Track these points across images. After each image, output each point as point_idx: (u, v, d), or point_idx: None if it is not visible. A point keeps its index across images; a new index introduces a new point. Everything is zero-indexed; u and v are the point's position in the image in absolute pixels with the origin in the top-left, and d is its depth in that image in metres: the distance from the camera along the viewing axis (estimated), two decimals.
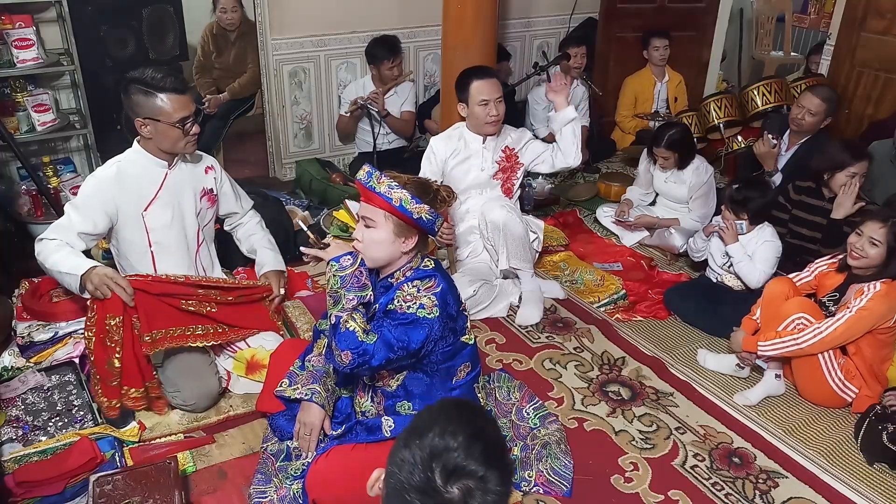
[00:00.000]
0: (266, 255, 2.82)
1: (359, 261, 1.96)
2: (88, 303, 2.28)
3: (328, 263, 1.96)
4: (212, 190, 2.63)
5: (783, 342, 2.53)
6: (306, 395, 2.12)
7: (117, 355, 2.27)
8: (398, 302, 1.91)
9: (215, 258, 2.75)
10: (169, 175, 2.48)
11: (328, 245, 1.99)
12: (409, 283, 1.93)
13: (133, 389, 2.33)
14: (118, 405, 2.33)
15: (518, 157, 3.22)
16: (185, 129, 2.36)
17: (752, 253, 3.02)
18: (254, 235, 2.86)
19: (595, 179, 4.51)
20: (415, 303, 1.90)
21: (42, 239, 2.35)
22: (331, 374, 2.19)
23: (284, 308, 2.84)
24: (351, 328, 1.88)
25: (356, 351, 1.86)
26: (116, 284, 2.23)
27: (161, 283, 2.36)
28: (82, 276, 2.23)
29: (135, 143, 2.45)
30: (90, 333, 2.27)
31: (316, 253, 2.01)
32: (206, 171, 2.62)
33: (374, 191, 1.89)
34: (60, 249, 2.31)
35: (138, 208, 2.43)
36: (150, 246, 2.49)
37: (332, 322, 1.92)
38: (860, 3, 3.97)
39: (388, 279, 2.02)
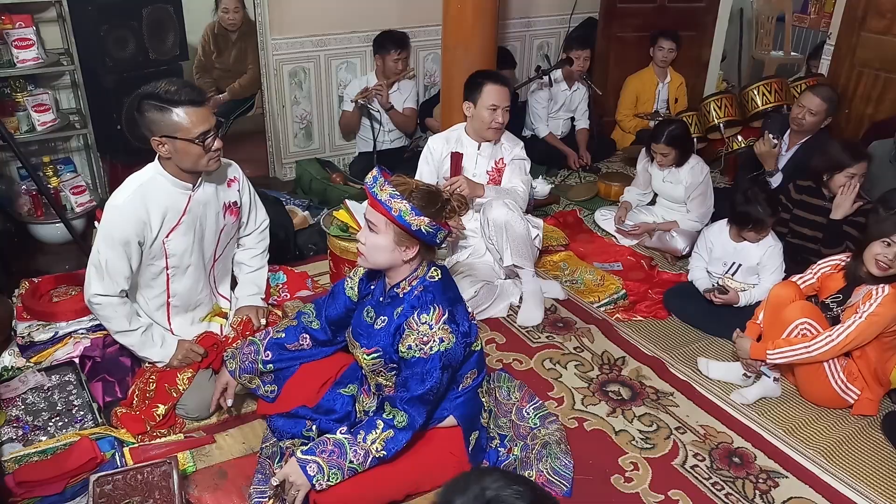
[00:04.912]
0: (246, 289, 2.64)
1: None
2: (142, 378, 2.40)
3: None
4: (235, 202, 2.48)
5: (794, 350, 2.50)
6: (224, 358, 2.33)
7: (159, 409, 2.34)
8: (414, 344, 1.91)
9: (229, 270, 2.65)
10: (192, 198, 2.31)
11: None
12: (417, 318, 1.92)
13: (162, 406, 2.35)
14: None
15: (504, 169, 3.23)
16: (206, 144, 2.17)
17: (757, 263, 3.00)
18: (246, 266, 2.66)
19: (595, 179, 4.52)
20: (434, 340, 1.90)
21: (98, 302, 2.26)
22: (261, 351, 2.26)
23: (285, 308, 2.84)
24: (381, 444, 1.90)
25: (403, 441, 1.93)
26: (196, 354, 2.41)
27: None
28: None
29: (155, 161, 2.27)
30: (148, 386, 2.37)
31: None
32: (230, 185, 2.46)
33: (376, 197, 1.90)
34: (133, 326, 2.33)
35: (161, 236, 2.28)
36: (167, 269, 2.37)
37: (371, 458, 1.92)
38: (860, 3, 3.96)
39: (395, 289, 2.03)
